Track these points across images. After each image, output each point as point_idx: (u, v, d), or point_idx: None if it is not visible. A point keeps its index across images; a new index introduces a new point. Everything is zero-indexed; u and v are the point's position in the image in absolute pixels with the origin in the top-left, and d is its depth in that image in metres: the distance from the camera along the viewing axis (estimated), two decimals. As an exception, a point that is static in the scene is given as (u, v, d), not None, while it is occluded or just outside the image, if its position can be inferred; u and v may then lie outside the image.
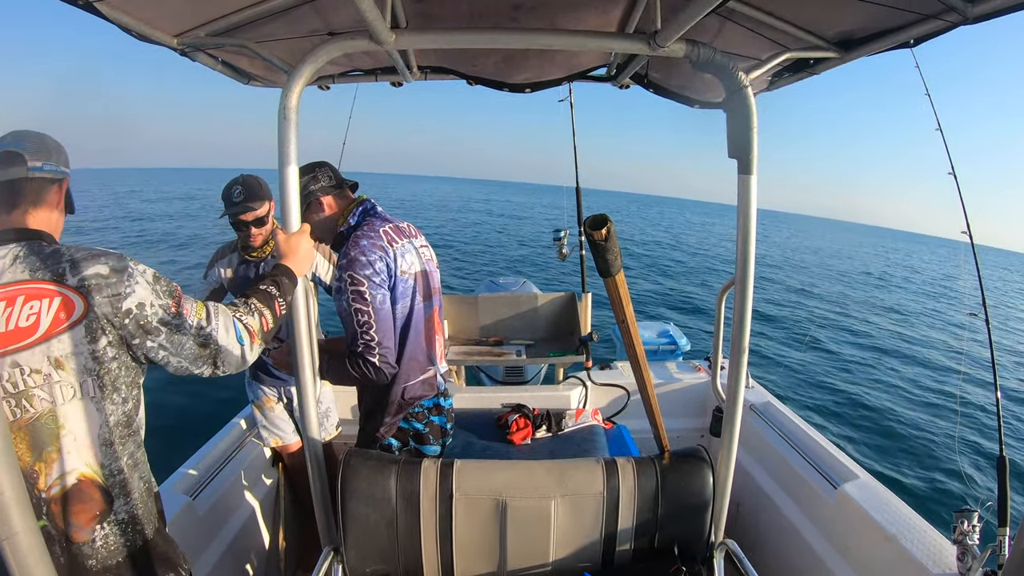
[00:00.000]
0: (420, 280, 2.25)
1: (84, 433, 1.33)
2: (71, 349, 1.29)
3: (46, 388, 1.28)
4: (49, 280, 1.28)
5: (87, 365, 1.31)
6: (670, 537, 1.91)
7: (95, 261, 1.33)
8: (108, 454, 1.37)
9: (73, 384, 1.30)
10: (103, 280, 1.32)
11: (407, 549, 1.86)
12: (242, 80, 2.36)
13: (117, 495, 1.40)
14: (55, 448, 1.30)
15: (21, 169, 1.38)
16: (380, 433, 2.26)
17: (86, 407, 1.33)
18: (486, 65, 2.48)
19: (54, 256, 1.32)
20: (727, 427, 1.95)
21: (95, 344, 1.31)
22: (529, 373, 5.55)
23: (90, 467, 1.34)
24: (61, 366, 1.28)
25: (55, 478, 1.30)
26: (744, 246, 1.77)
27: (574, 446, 2.91)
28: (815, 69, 2.08)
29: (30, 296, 1.26)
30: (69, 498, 1.32)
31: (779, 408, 3.48)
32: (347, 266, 2.05)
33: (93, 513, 1.35)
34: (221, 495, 2.71)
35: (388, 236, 2.18)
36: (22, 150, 1.40)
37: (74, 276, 1.30)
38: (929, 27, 1.58)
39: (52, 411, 1.29)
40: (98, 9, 1.47)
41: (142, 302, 1.35)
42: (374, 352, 2.04)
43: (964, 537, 2.00)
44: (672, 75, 2.46)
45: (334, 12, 1.85)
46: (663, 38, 1.58)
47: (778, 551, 2.93)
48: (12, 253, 1.31)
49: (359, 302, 2.03)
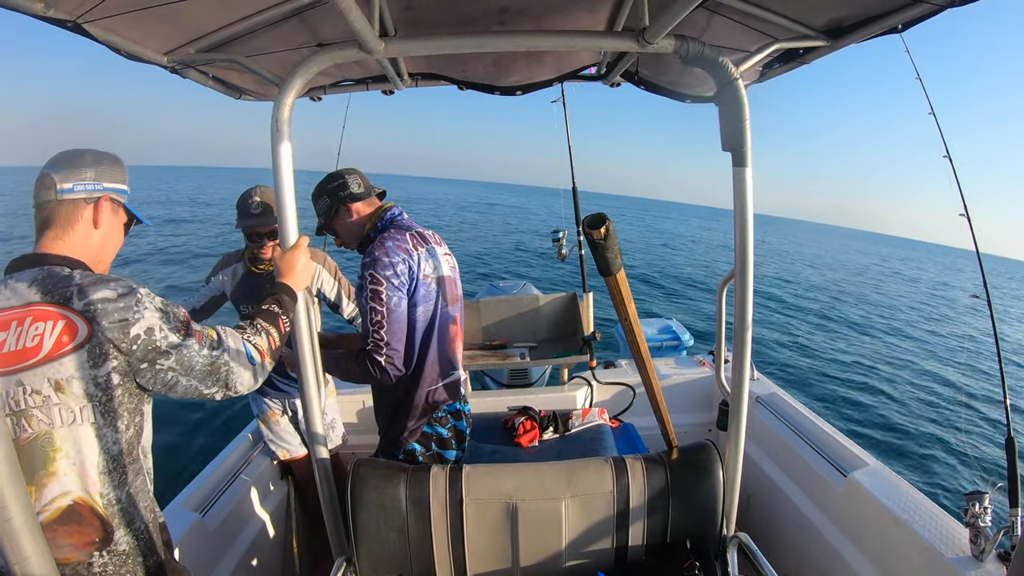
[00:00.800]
0: (443, 285, 2.27)
1: (82, 459, 1.31)
2: (72, 373, 1.28)
3: (44, 410, 1.27)
4: (55, 303, 1.29)
5: (88, 391, 1.30)
6: (682, 533, 1.91)
7: (103, 286, 1.33)
8: (107, 482, 1.35)
9: (73, 408, 1.29)
10: (110, 304, 1.31)
11: (419, 556, 1.85)
12: (233, 95, 2.37)
13: (117, 525, 1.37)
14: (49, 472, 1.28)
15: (50, 192, 1.42)
16: (404, 438, 2.26)
17: (85, 433, 1.31)
18: (476, 69, 2.48)
19: (65, 280, 1.32)
20: (734, 420, 1.95)
21: (98, 370, 1.30)
22: (534, 375, 5.53)
23: (88, 493, 1.32)
24: (61, 389, 1.28)
25: (46, 501, 1.28)
26: (742, 238, 1.77)
27: (582, 446, 2.90)
28: (805, 58, 2.08)
29: (37, 317, 1.27)
30: (63, 521, 1.30)
31: (785, 399, 3.48)
32: (369, 264, 2.09)
33: (91, 539, 1.33)
34: (231, 510, 2.70)
35: (413, 240, 2.21)
36: (53, 172, 1.43)
37: (80, 300, 1.30)
38: (917, 11, 1.58)
39: (49, 433, 1.27)
40: (87, 30, 1.47)
41: (151, 327, 1.34)
42: (382, 352, 2.07)
43: (976, 519, 2.00)
44: (662, 71, 2.46)
45: (322, 24, 1.85)
46: (652, 35, 1.58)
47: (790, 542, 2.92)
48: (32, 277, 1.32)
49: (375, 301, 2.06)
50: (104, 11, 1.44)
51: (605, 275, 2.06)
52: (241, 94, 2.39)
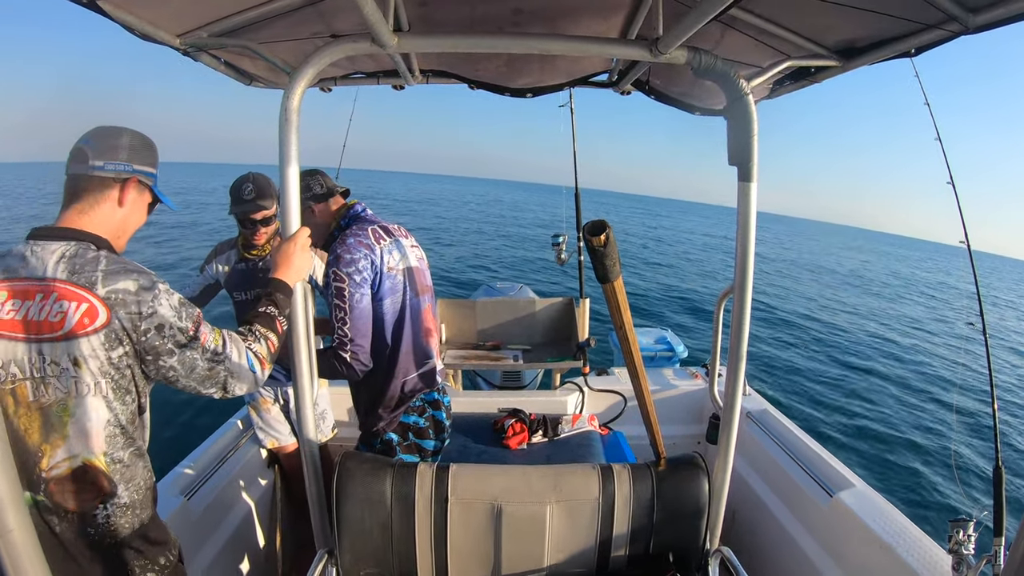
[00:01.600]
0: (410, 275, 2.31)
1: (92, 426, 1.42)
2: (89, 352, 1.38)
3: (62, 380, 1.38)
4: (81, 286, 1.38)
5: (102, 368, 1.40)
6: (665, 544, 1.90)
7: (126, 276, 1.42)
8: (113, 445, 1.47)
9: (88, 382, 1.40)
10: (129, 296, 1.41)
11: (401, 553, 1.85)
12: (244, 81, 2.36)
13: (119, 481, 1.49)
14: (61, 435, 1.40)
15: (83, 166, 1.50)
16: (381, 427, 2.31)
17: (96, 404, 1.42)
18: (488, 69, 2.48)
19: (92, 263, 1.41)
20: (724, 434, 1.95)
21: (112, 352, 1.40)
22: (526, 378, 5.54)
23: (95, 455, 1.44)
24: (79, 364, 1.38)
25: (58, 460, 1.40)
26: (743, 253, 1.77)
27: (570, 451, 2.90)
28: (816, 77, 2.09)
29: (62, 295, 1.37)
30: (73, 479, 1.42)
31: (775, 416, 3.48)
32: (332, 263, 2.15)
33: (95, 494, 1.46)
34: (216, 496, 2.70)
35: (376, 234, 2.26)
36: (88, 147, 1.51)
37: (103, 287, 1.39)
38: (930, 36, 1.59)
39: (64, 401, 1.39)
40: (102, 8, 1.47)
41: (162, 323, 1.44)
42: (346, 348, 2.13)
43: (959, 546, 2.00)
44: (673, 82, 2.47)
45: (337, 14, 1.85)
46: (665, 45, 1.58)
47: (773, 559, 2.92)
48: (60, 251, 1.41)
49: (338, 298, 2.12)
50: (119, -11, 1.44)
51: (603, 282, 2.06)
52: (252, 80, 2.39)
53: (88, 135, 1.53)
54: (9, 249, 1.44)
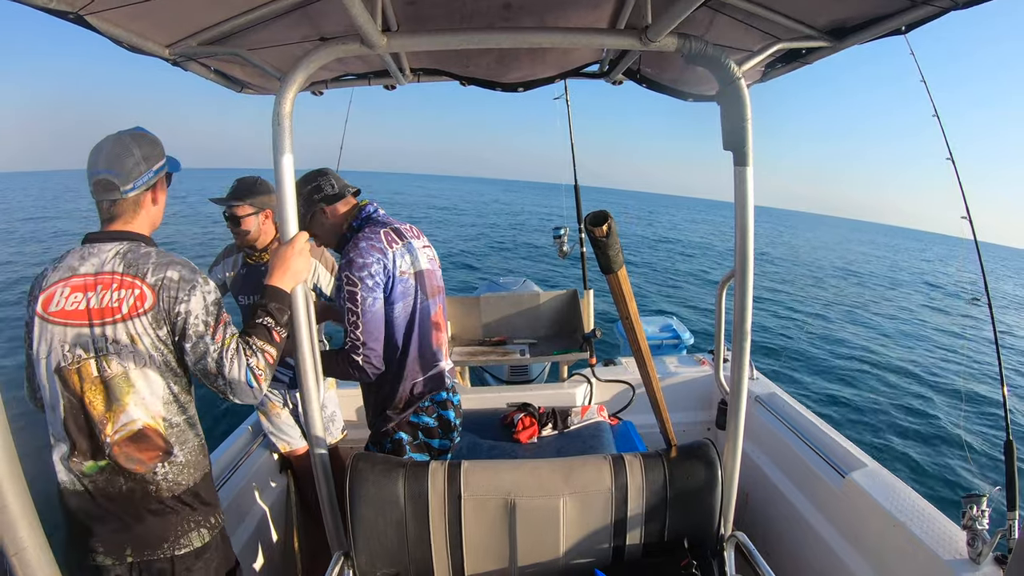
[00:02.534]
0: (421, 279, 2.29)
1: (150, 393, 1.68)
2: (142, 330, 1.64)
3: (124, 355, 1.64)
4: (136, 276, 1.65)
5: (154, 344, 1.66)
6: (680, 531, 1.91)
7: (172, 267, 1.69)
8: (170, 411, 1.73)
9: (144, 356, 1.66)
10: (172, 283, 1.67)
11: (417, 552, 1.86)
12: (235, 88, 2.37)
13: (175, 443, 1.74)
14: (122, 403, 1.65)
15: (115, 194, 1.72)
16: (390, 428, 2.30)
17: (152, 375, 1.68)
18: (479, 65, 2.48)
19: (145, 257, 1.68)
20: (732, 419, 1.95)
21: (159, 331, 1.66)
22: (533, 372, 5.54)
23: (154, 420, 1.69)
24: (135, 341, 1.64)
25: (121, 425, 1.65)
26: (742, 238, 1.77)
27: (580, 443, 2.90)
28: (808, 59, 2.08)
29: (121, 285, 1.64)
30: (135, 441, 1.67)
31: (784, 399, 3.48)
32: (344, 266, 2.14)
33: (155, 454, 1.70)
34: (230, 503, 2.70)
35: (388, 237, 2.23)
36: (112, 176, 1.71)
37: (153, 276, 1.66)
38: (921, 13, 1.58)
39: (125, 373, 1.64)
40: (88, 22, 1.47)
41: (190, 311, 1.68)
42: (359, 352, 2.13)
43: (973, 522, 2.00)
44: (665, 69, 2.46)
45: (325, 17, 1.85)
46: (654, 32, 1.58)
47: (787, 541, 2.93)
48: (116, 250, 1.68)
49: (351, 302, 2.11)
50: (106, 3, 1.44)
51: (606, 272, 2.06)
52: (243, 87, 2.39)
53: (102, 164, 1.71)
54: (68, 252, 1.71)
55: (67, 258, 1.68)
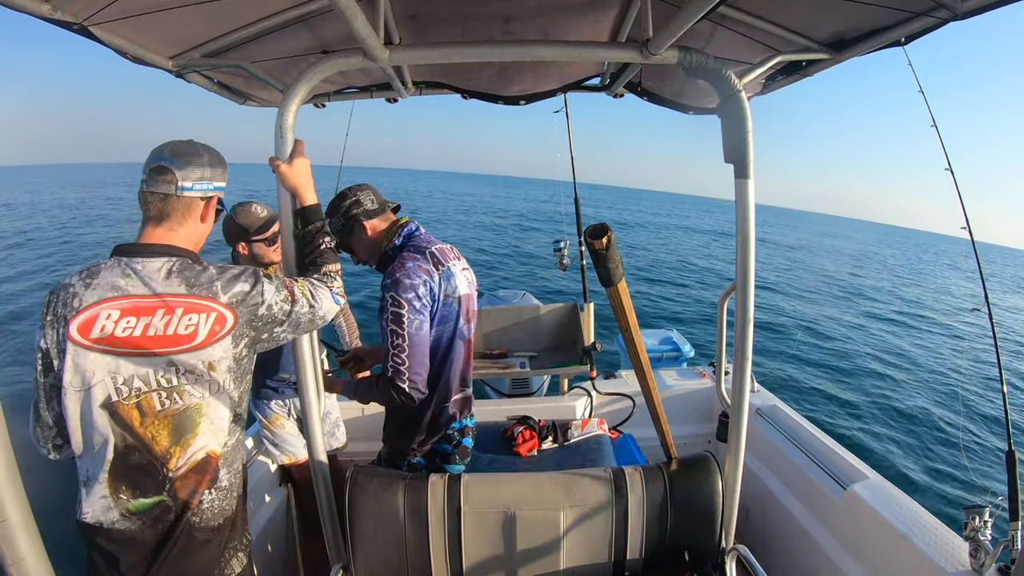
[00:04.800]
0: (461, 305, 2.21)
1: (219, 417, 1.58)
2: (221, 354, 1.53)
3: (199, 385, 1.52)
4: (207, 297, 1.51)
5: (230, 366, 1.56)
6: (680, 544, 1.90)
7: (239, 281, 1.57)
8: (231, 432, 1.63)
9: (219, 381, 1.55)
10: (246, 295, 1.57)
11: (416, 565, 1.85)
12: (238, 100, 2.38)
13: (222, 466, 1.61)
14: (194, 434, 1.53)
15: (170, 187, 1.56)
16: (412, 450, 2.25)
17: (224, 399, 1.58)
18: (480, 78, 2.49)
19: (207, 275, 1.55)
20: (733, 432, 1.95)
21: (237, 348, 1.56)
22: (534, 384, 5.52)
23: (219, 444, 1.59)
24: (213, 368, 1.53)
25: (188, 456, 1.53)
26: (744, 250, 1.77)
27: (581, 456, 2.89)
28: (808, 71, 2.09)
29: (189, 309, 1.49)
30: (197, 469, 1.55)
31: (785, 411, 3.47)
32: (391, 286, 2.04)
33: (207, 480, 1.58)
34: None
35: (434, 259, 2.16)
36: (173, 167, 1.57)
37: (225, 295, 1.54)
38: (920, 24, 1.59)
39: (200, 404, 1.53)
40: (93, 33, 1.48)
41: (271, 304, 1.60)
42: (403, 377, 2.02)
43: (976, 533, 1.99)
44: (666, 82, 2.47)
45: (328, 30, 1.86)
46: (655, 46, 1.59)
47: (789, 554, 2.91)
48: (166, 267, 1.52)
49: (396, 324, 2.02)
50: (110, 14, 1.45)
51: (606, 285, 2.06)
52: (245, 99, 2.40)
53: (168, 152, 1.57)
54: (98, 266, 1.50)
55: (103, 274, 1.48)
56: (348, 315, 3.29)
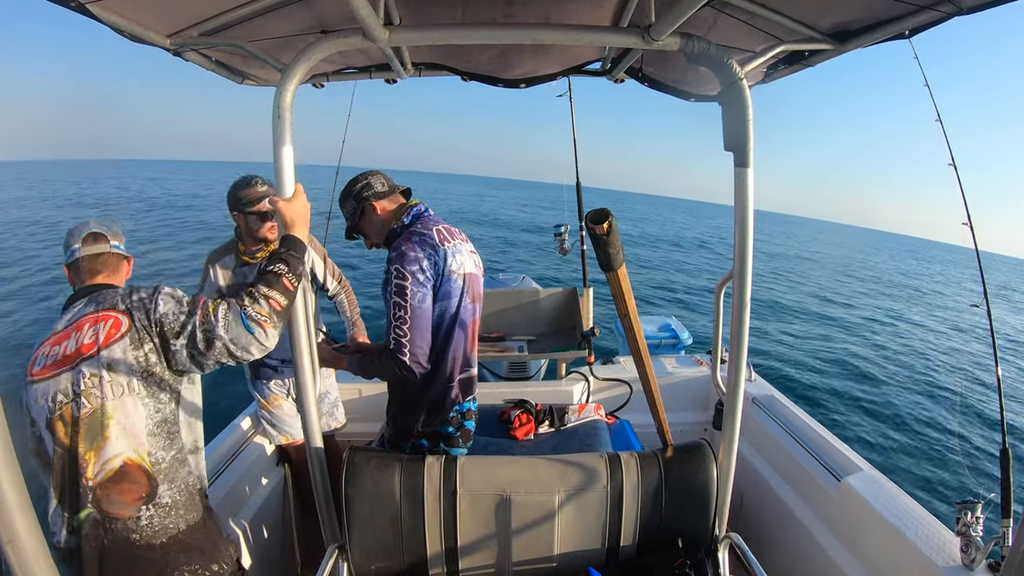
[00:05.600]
0: (468, 282, 2.23)
1: (131, 423, 1.61)
2: (119, 355, 1.62)
3: (100, 387, 1.59)
4: (108, 308, 1.67)
5: (132, 367, 1.63)
6: (674, 531, 1.91)
7: (138, 291, 1.72)
8: (154, 444, 1.65)
9: (122, 383, 1.61)
10: (141, 302, 1.69)
11: (411, 546, 1.86)
12: (236, 79, 2.36)
13: (162, 481, 1.65)
14: (104, 437, 1.58)
15: (104, 246, 1.87)
16: (415, 432, 2.25)
17: (133, 402, 1.62)
18: (480, 61, 2.47)
19: (114, 293, 1.73)
20: (728, 420, 1.95)
21: (139, 351, 1.64)
22: (532, 368, 5.54)
23: (136, 453, 1.61)
24: (112, 369, 1.60)
25: (101, 464, 1.57)
26: (742, 239, 1.77)
27: (577, 441, 2.90)
28: (810, 61, 2.07)
29: (93, 322, 1.65)
30: (116, 480, 1.58)
31: (782, 401, 3.48)
32: (396, 259, 2.06)
33: (139, 494, 1.61)
34: (226, 494, 2.70)
35: (440, 235, 2.18)
36: (104, 232, 1.88)
37: (122, 303, 1.68)
38: (924, 18, 1.58)
39: (103, 406, 1.58)
40: (90, 11, 1.47)
41: (166, 312, 1.67)
42: (404, 350, 2.03)
43: (967, 528, 2.00)
44: (667, 69, 2.45)
45: (327, 9, 1.84)
46: (657, 32, 1.57)
47: (782, 543, 2.93)
48: (86, 299, 1.72)
49: (399, 296, 2.03)
50: (108, -8, 1.43)
51: (606, 270, 2.05)
52: (244, 79, 2.38)
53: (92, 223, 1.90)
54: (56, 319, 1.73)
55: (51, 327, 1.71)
56: (348, 291, 3.29)
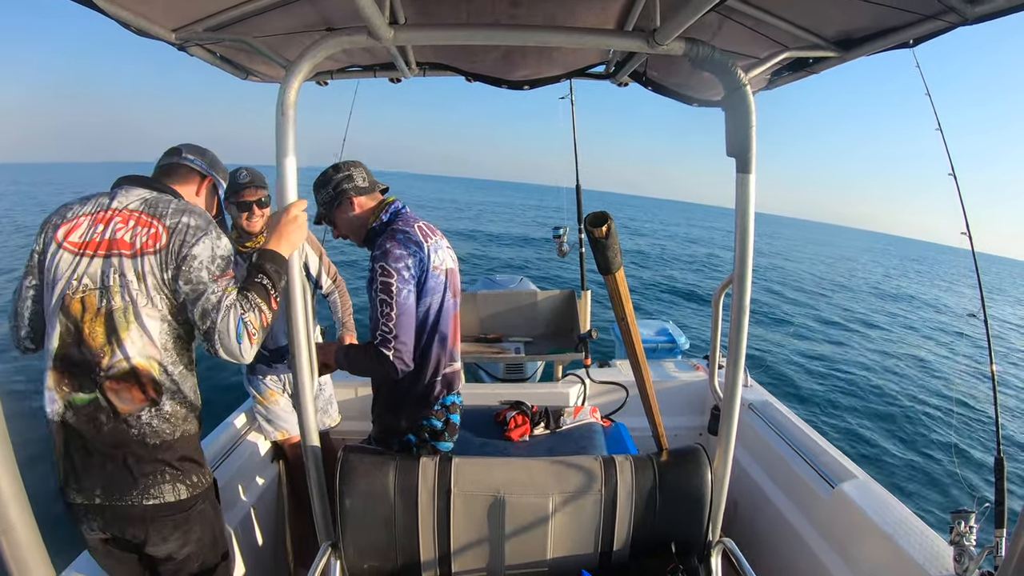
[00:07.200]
0: (450, 278, 2.25)
1: (148, 333, 1.68)
2: (148, 269, 1.67)
3: (129, 290, 1.65)
4: (154, 216, 1.71)
5: (158, 286, 1.68)
6: (667, 535, 1.91)
7: (189, 214, 1.75)
8: (166, 356, 1.73)
9: (147, 295, 1.67)
10: (186, 228, 1.71)
11: (405, 545, 1.86)
12: (240, 75, 2.36)
13: (166, 390, 1.74)
14: (123, 336, 1.65)
15: (176, 157, 1.93)
16: (401, 428, 2.26)
17: (153, 314, 1.69)
18: (485, 62, 2.47)
19: (166, 203, 1.75)
20: (724, 425, 1.95)
21: (165, 273, 1.68)
22: (528, 370, 5.54)
23: (148, 361, 1.69)
24: (142, 279, 1.66)
25: (116, 360, 1.65)
26: (742, 245, 1.77)
27: (572, 443, 2.90)
28: (814, 68, 2.08)
29: (139, 223, 1.70)
30: (125, 378, 1.66)
31: (777, 407, 3.48)
32: (380, 256, 2.06)
33: (144, 396, 1.70)
34: (221, 488, 2.69)
35: (422, 232, 2.19)
36: (183, 148, 1.95)
37: (170, 218, 1.71)
38: (929, 27, 1.58)
39: (127, 308, 1.65)
40: (96, 4, 1.47)
41: (196, 255, 1.69)
42: (390, 345, 2.03)
43: (961, 538, 2.00)
44: (671, 73, 2.46)
45: (332, 7, 1.85)
46: (662, 36, 1.58)
47: (775, 549, 2.93)
48: (142, 196, 1.77)
49: (384, 293, 2.03)
50: (114, -16, 1.43)
51: (605, 273, 2.06)
52: (248, 75, 2.38)
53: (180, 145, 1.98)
54: (99, 193, 1.79)
55: (97, 197, 1.76)
56: (343, 291, 3.27)
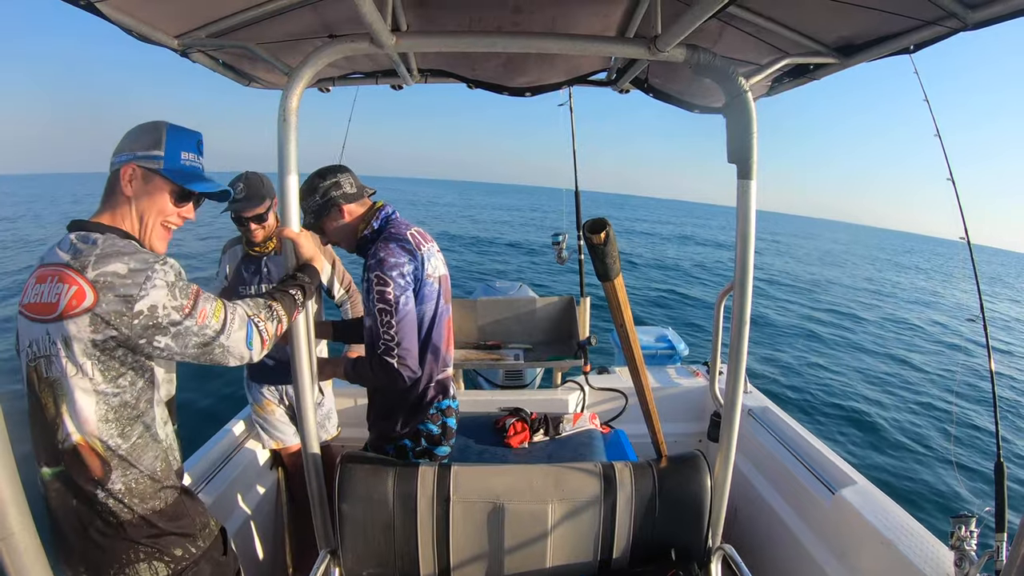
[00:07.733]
0: (442, 284, 2.25)
1: (83, 407, 1.44)
2: (75, 333, 1.38)
3: (58, 359, 1.40)
4: (75, 269, 1.39)
5: (87, 351, 1.41)
6: (667, 542, 1.90)
7: (117, 260, 1.42)
8: (106, 431, 1.48)
9: (76, 363, 1.41)
10: (118, 280, 1.40)
11: (404, 553, 1.85)
12: (242, 82, 2.36)
13: (114, 468, 1.50)
14: (62, 412, 1.43)
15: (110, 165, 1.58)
16: (397, 433, 2.25)
17: (83, 385, 1.43)
18: (487, 68, 2.48)
19: (91, 247, 1.44)
20: (725, 432, 1.95)
21: (98, 335, 1.40)
22: (528, 377, 5.53)
23: (88, 437, 1.46)
24: (68, 345, 1.39)
25: (66, 434, 1.44)
26: (743, 251, 1.77)
27: (571, 450, 2.90)
28: (815, 74, 2.08)
29: (61, 279, 1.39)
30: (75, 455, 1.45)
31: (777, 413, 3.48)
32: (375, 266, 2.05)
33: (92, 475, 1.48)
34: (218, 497, 2.69)
35: (415, 239, 2.19)
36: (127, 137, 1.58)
37: (94, 270, 1.39)
38: (929, 33, 1.59)
39: (60, 380, 1.41)
40: (99, 10, 1.47)
41: (155, 304, 1.42)
42: (393, 354, 2.03)
43: (961, 543, 2.00)
44: (672, 80, 2.47)
45: (335, 14, 1.85)
46: (663, 43, 1.58)
47: (775, 556, 2.92)
48: (70, 240, 1.47)
49: (383, 302, 2.02)
50: (117, -10, 1.44)
51: (603, 280, 2.06)
52: (250, 81, 2.39)
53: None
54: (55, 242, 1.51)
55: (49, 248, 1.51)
56: (356, 301, 3.26)
